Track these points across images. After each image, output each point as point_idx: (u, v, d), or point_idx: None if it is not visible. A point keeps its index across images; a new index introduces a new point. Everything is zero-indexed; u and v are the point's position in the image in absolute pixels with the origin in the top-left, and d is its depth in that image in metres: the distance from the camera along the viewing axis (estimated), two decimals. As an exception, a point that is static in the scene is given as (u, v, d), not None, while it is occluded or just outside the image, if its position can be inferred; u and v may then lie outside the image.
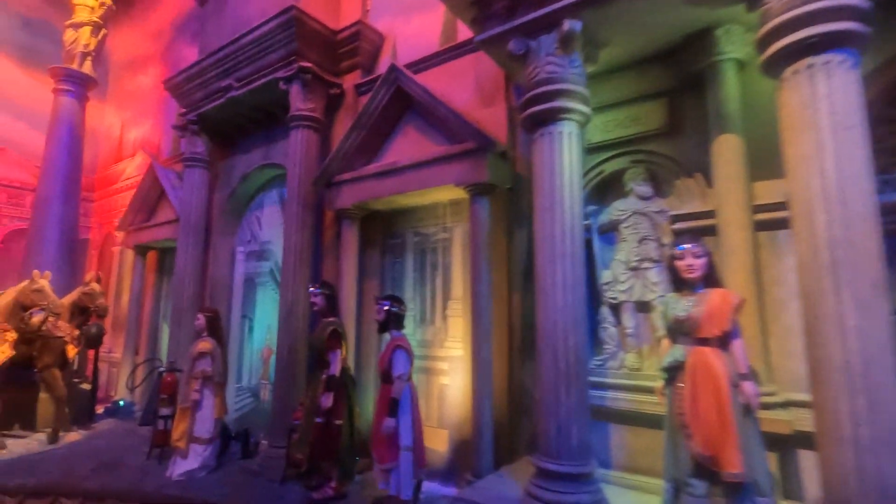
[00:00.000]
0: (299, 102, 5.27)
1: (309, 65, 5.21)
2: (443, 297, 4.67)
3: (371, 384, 4.85)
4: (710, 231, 3.10)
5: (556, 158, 3.06)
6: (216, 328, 4.88)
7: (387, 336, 3.90)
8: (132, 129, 10.16)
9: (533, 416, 3.80)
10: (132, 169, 9.72)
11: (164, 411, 5.08)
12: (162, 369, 5.44)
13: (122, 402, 7.26)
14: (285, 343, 4.94)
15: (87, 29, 7.91)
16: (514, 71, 3.71)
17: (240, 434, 5.23)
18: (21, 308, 5.40)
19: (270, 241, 6.46)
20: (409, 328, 4.28)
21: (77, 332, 6.12)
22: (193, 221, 6.56)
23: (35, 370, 5.87)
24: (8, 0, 9.83)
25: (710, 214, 3.14)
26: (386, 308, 3.79)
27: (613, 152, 3.67)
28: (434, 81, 4.62)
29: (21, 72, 9.92)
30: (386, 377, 3.67)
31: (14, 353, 5.36)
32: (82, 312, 6.17)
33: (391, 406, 3.52)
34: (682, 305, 2.71)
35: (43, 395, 6.32)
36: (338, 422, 4.01)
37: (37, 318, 5.61)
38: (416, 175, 4.42)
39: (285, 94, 5.39)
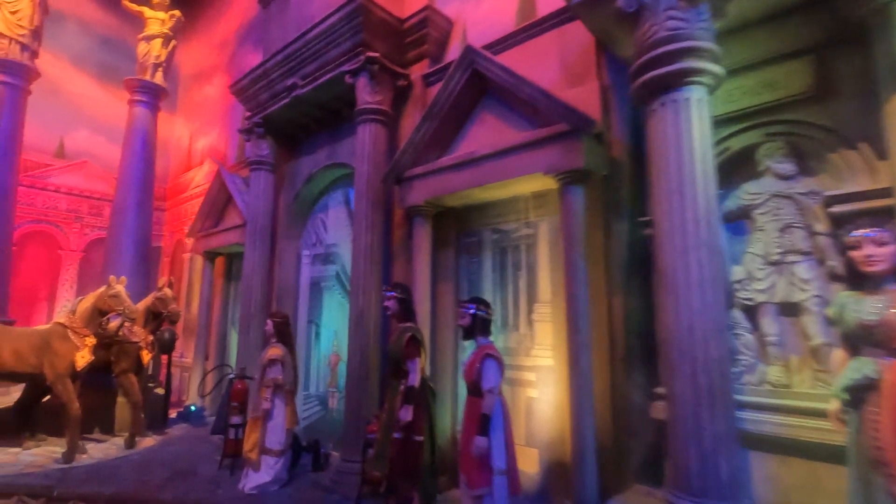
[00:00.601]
0: (366, 95, 5.00)
1: (376, 55, 4.92)
2: (528, 299, 4.21)
3: (447, 397, 4.46)
4: (886, 213, 2.46)
5: (684, 130, 2.55)
6: (286, 334, 4.66)
7: (468, 343, 3.49)
8: (200, 138, 10.43)
9: (646, 439, 3.26)
10: (200, 177, 9.95)
11: (235, 420, 4.92)
12: (232, 376, 5.31)
13: (193, 408, 7.29)
14: (357, 350, 4.65)
15: (159, 41, 8.13)
16: (618, 37, 3.22)
17: (310, 445, 4.99)
18: (99, 313, 5.45)
19: (336, 244, 6.24)
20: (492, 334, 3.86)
21: (151, 338, 6.14)
22: (260, 225, 6.47)
23: (113, 375, 5.93)
24: (89, 22, 10.39)
25: (885, 193, 2.50)
26: (472, 312, 3.38)
27: (741, 125, 3.09)
28: (511, 64, 4.18)
29: (100, 89, 10.43)
30: (474, 390, 3.26)
31: (93, 357, 5.40)
32: (156, 318, 6.20)
33: (482, 423, 3.10)
34: (870, 307, 2.12)
35: (120, 400, 6.41)
36: (418, 438, 3.63)
37: (114, 324, 5.65)
38: (497, 165, 3.99)
39: (351, 89, 5.14)
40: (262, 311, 6.38)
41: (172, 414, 7.19)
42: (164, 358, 7.22)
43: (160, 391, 7.09)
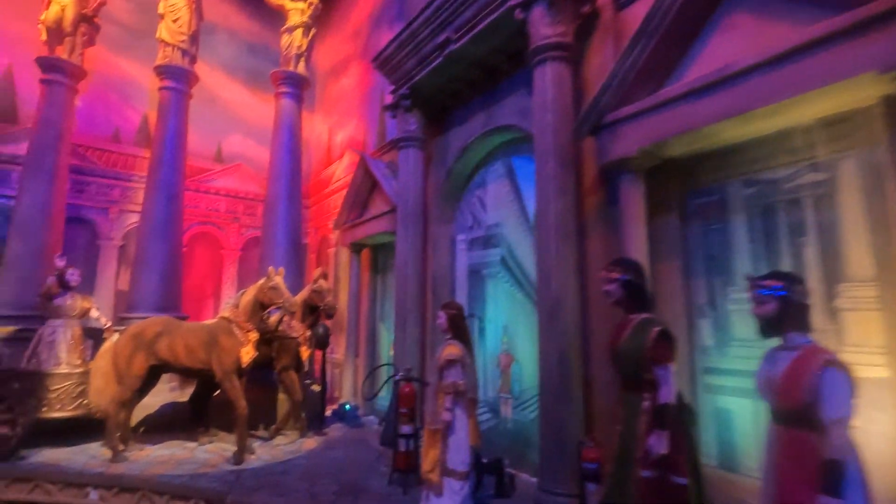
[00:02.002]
0: (544, 29, 3.96)
1: (555, -25, 3.87)
2: (824, 279, 2.81)
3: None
4: None
5: None
6: (462, 328, 3.79)
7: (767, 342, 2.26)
8: (338, 132, 10.34)
9: None
10: (341, 171, 9.82)
11: (406, 429, 4.21)
12: (398, 377, 4.65)
13: (348, 406, 6.94)
14: (552, 351, 3.64)
15: (300, 31, 8.03)
16: None
17: (492, 464, 4.10)
18: (260, 307, 5.18)
19: (498, 224, 5.32)
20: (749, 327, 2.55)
21: (309, 333, 5.80)
22: (411, 207, 5.82)
23: (274, 371, 5.69)
24: (236, 30, 10.89)
25: None
26: (780, 294, 2.15)
27: None
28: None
29: (249, 94, 10.89)
30: (796, 417, 2.03)
31: (256, 353, 5.14)
32: (312, 312, 5.85)
33: (828, 476, 1.87)
34: None
35: (281, 397, 6.22)
36: (679, 481, 2.48)
37: (274, 318, 5.37)
38: (775, 78, 2.67)
39: (512, 38, 4.20)
40: (418, 305, 5.72)
41: (327, 412, 6.91)
42: (318, 354, 6.96)
43: (316, 388, 6.84)
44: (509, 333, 5.03)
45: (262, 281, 5.23)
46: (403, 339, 5.62)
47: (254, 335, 5.15)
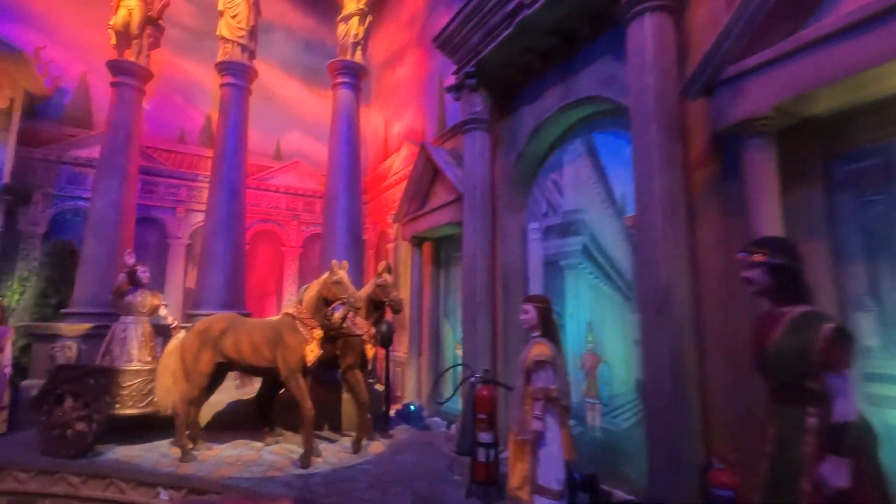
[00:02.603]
0: (641, -24, 3.40)
1: None
2: None
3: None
4: None
5: None
6: (550, 324, 3.33)
7: None
8: (395, 124, 10.09)
9: None
10: (398, 163, 9.55)
11: (484, 437, 3.79)
12: (474, 379, 4.23)
13: (413, 407, 6.62)
14: (659, 351, 3.09)
15: (356, 19, 7.80)
16: None
17: (586, 480, 3.60)
18: (324, 302, 4.93)
19: (579, 210, 4.78)
20: None
21: (373, 330, 5.51)
22: (479, 194, 5.39)
23: (338, 370, 5.44)
24: (293, 28, 10.90)
25: None
26: None
27: None
28: None
29: (306, 91, 10.87)
30: None
31: (321, 351, 4.89)
32: (377, 308, 5.55)
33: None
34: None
35: (345, 396, 5.98)
36: (867, 521, 1.90)
37: (338, 314, 5.11)
38: None
39: None
40: (488, 299, 5.28)
41: (391, 412, 6.62)
42: (380, 352, 6.68)
43: (380, 388, 6.57)
44: (594, 331, 4.49)
45: (325, 275, 4.98)
46: (473, 337, 5.21)
47: (318, 332, 4.90)
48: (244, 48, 7.65)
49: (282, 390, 5.48)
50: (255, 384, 5.91)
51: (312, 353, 4.85)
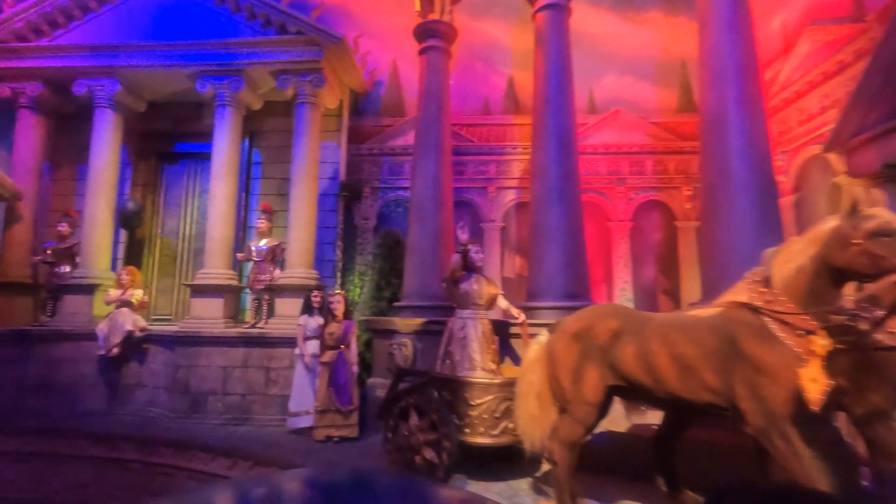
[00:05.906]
0: None
1: None
2: None
3: None
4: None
5: None
6: None
7: None
8: (773, 16, 6.65)
9: None
10: (792, 66, 6.12)
11: None
12: None
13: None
14: None
15: None
16: None
17: None
18: (831, 279, 2.37)
19: None
20: None
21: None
22: None
23: (848, 414, 2.76)
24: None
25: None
26: None
27: None
28: None
29: (618, 20, 8.48)
30: None
31: (832, 381, 2.35)
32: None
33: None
34: None
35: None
36: None
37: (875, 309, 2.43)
38: None
39: None
40: None
41: None
42: None
43: None
44: None
45: (825, 224, 2.40)
46: None
47: (824, 342, 2.36)
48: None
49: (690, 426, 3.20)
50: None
51: (817, 383, 2.33)
